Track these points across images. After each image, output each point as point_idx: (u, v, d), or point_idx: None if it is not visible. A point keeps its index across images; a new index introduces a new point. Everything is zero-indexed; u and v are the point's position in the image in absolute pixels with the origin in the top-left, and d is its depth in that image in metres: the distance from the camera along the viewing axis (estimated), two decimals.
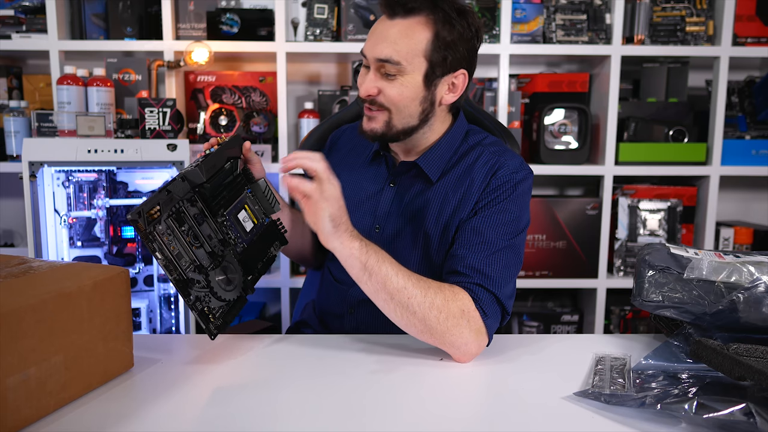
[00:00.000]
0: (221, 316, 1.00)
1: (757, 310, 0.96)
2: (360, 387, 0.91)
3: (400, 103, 1.08)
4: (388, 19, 1.06)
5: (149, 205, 0.91)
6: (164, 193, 0.94)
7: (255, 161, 1.15)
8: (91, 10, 2.19)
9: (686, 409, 0.78)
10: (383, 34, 1.06)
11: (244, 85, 2.29)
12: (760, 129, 2.31)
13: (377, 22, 1.09)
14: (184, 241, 0.96)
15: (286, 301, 2.25)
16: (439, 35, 1.05)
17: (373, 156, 1.22)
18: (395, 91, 1.07)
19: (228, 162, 1.08)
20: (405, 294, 0.97)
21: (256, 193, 1.13)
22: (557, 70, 2.47)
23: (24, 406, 0.76)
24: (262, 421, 0.80)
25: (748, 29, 2.24)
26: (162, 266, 0.94)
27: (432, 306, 0.97)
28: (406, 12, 1.05)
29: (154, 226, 0.92)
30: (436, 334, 0.98)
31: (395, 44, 1.04)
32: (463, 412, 0.86)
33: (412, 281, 0.98)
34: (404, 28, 1.05)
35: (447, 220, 1.12)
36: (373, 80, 1.08)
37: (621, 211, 2.29)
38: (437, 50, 1.06)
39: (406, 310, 0.98)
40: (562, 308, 2.45)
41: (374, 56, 1.06)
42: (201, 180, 1.00)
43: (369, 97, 1.09)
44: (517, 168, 1.12)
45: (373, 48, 1.07)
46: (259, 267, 1.11)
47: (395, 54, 1.04)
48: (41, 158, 1.77)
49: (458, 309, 0.99)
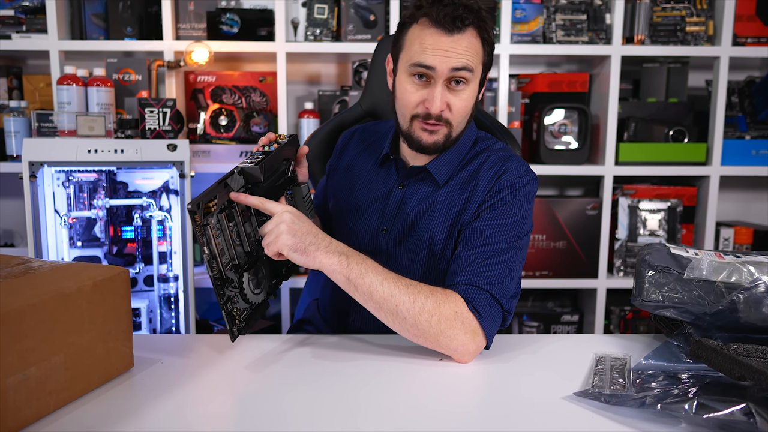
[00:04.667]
0: (244, 319, 1.00)
1: (757, 310, 0.96)
2: (360, 387, 0.91)
3: (464, 113, 1.11)
4: (447, 35, 1.05)
5: (208, 197, 0.90)
6: (222, 185, 0.93)
7: (303, 165, 1.14)
8: (91, 10, 2.19)
9: (686, 409, 0.78)
10: (452, 47, 1.05)
11: (244, 85, 2.29)
12: (760, 129, 2.31)
13: (432, 36, 1.06)
14: (229, 237, 0.96)
15: (286, 300, 2.25)
16: (486, 42, 1.10)
17: (383, 159, 1.23)
18: (462, 104, 1.09)
19: (283, 162, 1.07)
20: (392, 302, 0.98)
21: (296, 197, 1.12)
22: (557, 70, 2.47)
23: (24, 406, 0.76)
24: (262, 421, 0.80)
25: (748, 29, 2.24)
26: (206, 261, 0.93)
27: (422, 310, 0.98)
28: (463, 26, 1.06)
29: (208, 219, 0.91)
30: (430, 337, 0.99)
31: (467, 55, 1.06)
32: (463, 412, 0.86)
33: (400, 288, 0.99)
34: (467, 41, 1.06)
35: (452, 223, 1.13)
36: (443, 95, 1.07)
37: (621, 211, 2.29)
38: (487, 55, 1.11)
39: (397, 317, 0.99)
40: (562, 308, 2.45)
41: (451, 66, 1.05)
42: (260, 178, 0.98)
43: (440, 113, 1.08)
44: (522, 173, 1.12)
45: (445, 60, 1.05)
46: (284, 272, 1.10)
47: (470, 63, 1.06)
48: (41, 158, 1.77)
49: (450, 311, 0.99)
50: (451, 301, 1.00)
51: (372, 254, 1.18)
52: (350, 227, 1.22)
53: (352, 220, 1.22)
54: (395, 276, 1.00)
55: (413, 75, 1.08)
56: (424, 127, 1.10)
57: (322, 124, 1.56)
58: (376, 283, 0.98)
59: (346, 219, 1.23)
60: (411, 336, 1.00)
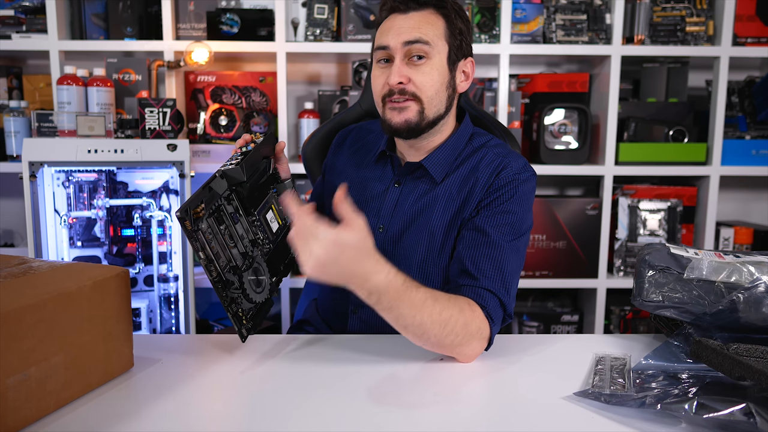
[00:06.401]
0: (251, 318, 1.00)
1: (757, 310, 0.96)
2: (359, 387, 0.91)
3: (431, 89, 1.10)
4: (402, 14, 1.09)
5: (194, 203, 0.90)
6: (207, 190, 0.93)
7: (283, 161, 1.14)
8: (91, 10, 2.19)
9: (686, 409, 0.78)
10: (405, 24, 1.08)
11: (244, 85, 2.29)
12: (760, 129, 2.31)
13: (389, 19, 1.11)
14: (222, 240, 0.95)
15: (286, 300, 2.25)
16: (451, 22, 1.11)
17: (379, 156, 1.22)
18: (426, 77, 1.09)
19: (263, 161, 1.07)
20: (421, 329, 0.94)
21: (281, 194, 1.12)
22: (557, 70, 2.47)
23: (24, 406, 0.76)
24: (262, 421, 0.80)
25: (748, 29, 2.24)
26: (203, 265, 0.92)
27: (450, 333, 0.95)
28: (418, 6, 1.09)
29: (198, 224, 0.91)
30: (446, 348, 0.98)
31: (419, 29, 1.08)
32: (463, 412, 0.86)
33: (433, 317, 0.93)
34: (422, 17, 1.09)
35: (451, 220, 1.12)
36: (401, 68, 1.08)
37: (621, 211, 2.29)
38: (453, 35, 1.11)
39: (421, 338, 0.96)
40: (562, 308, 2.45)
41: (402, 40, 1.07)
42: (242, 178, 0.98)
43: (399, 85, 1.08)
44: (521, 169, 1.12)
45: (398, 36, 1.08)
46: (282, 269, 1.10)
47: (423, 35, 1.07)
48: (41, 158, 1.77)
49: (476, 328, 0.98)
50: (476, 318, 0.99)
51: None
52: None
53: None
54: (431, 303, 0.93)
55: (378, 61, 1.12)
56: (392, 107, 1.10)
57: (322, 123, 1.56)
58: (408, 316, 0.92)
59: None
60: (427, 348, 0.99)
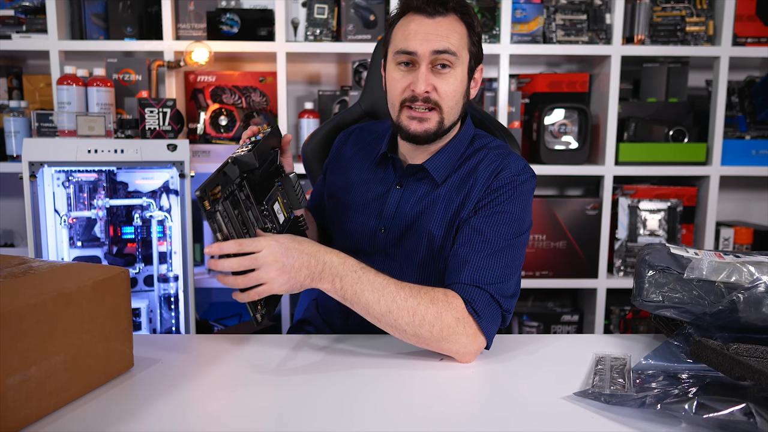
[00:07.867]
0: (264, 305, 1.00)
1: (757, 310, 0.96)
2: (359, 387, 0.91)
3: (453, 98, 1.10)
4: (429, 18, 1.08)
5: (211, 185, 0.90)
6: (221, 174, 0.93)
7: (288, 155, 1.15)
8: (91, 10, 2.20)
9: (686, 409, 0.78)
10: (432, 30, 1.07)
11: (244, 85, 2.29)
12: (760, 129, 2.31)
13: (413, 20, 1.09)
14: (238, 225, 0.96)
15: (286, 300, 2.25)
16: (472, 30, 1.11)
17: (381, 158, 1.22)
18: (450, 87, 1.09)
19: (271, 151, 1.07)
20: (391, 317, 0.97)
21: (285, 187, 1.12)
22: (557, 70, 2.47)
23: (24, 406, 0.76)
24: (262, 421, 0.80)
25: (748, 29, 2.24)
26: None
27: (423, 322, 0.97)
28: (445, 10, 1.09)
29: (215, 206, 0.91)
30: (432, 343, 0.99)
31: (447, 38, 1.07)
32: (462, 412, 0.86)
33: (398, 302, 0.97)
34: (448, 24, 1.09)
35: (450, 220, 1.13)
36: (428, 76, 1.08)
37: (621, 211, 2.29)
38: (473, 44, 1.12)
39: (396, 329, 0.99)
40: (562, 308, 2.45)
41: (432, 48, 1.07)
42: (255, 164, 0.99)
43: (426, 94, 1.08)
44: (520, 171, 1.12)
45: (426, 42, 1.07)
46: None
47: (451, 45, 1.07)
48: (41, 158, 1.77)
49: (452, 318, 0.98)
50: (452, 308, 0.99)
51: (370, 255, 1.18)
52: (347, 227, 1.22)
53: (350, 220, 1.22)
54: (393, 288, 0.98)
55: (399, 63, 1.11)
56: (412, 115, 1.10)
57: (322, 123, 1.56)
58: (373, 302, 0.97)
59: (343, 219, 1.23)
60: (412, 342, 1.00)
